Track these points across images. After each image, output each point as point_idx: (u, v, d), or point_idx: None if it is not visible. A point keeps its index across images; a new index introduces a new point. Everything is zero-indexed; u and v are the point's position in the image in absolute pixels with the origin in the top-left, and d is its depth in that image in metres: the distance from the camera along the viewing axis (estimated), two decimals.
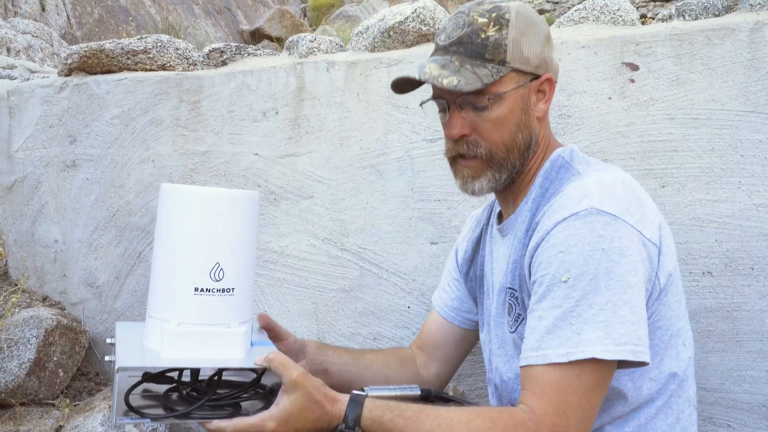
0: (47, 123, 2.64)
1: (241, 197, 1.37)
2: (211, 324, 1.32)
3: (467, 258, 1.70)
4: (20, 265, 2.71)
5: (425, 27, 2.23)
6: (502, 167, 1.40)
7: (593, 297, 1.20)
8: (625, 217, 1.25)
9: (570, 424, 1.19)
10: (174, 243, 1.34)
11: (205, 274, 1.31)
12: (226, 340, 1.33)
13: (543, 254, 1.28)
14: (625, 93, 1.92)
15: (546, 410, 1.19)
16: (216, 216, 1.33)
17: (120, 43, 2.56)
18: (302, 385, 1.25)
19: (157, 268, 1.37)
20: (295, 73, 2.32)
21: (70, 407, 2.23)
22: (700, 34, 1.85)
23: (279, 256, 2.32)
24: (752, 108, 1.79)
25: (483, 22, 1.36)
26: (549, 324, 1.22)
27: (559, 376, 1.20)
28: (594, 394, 1.21)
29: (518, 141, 1.39)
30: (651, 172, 1.88)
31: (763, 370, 1.78)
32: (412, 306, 2.16)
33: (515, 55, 1.36)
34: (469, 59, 1.36)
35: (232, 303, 1.34)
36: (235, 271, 1.34)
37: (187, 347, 1.30)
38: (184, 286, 1.31)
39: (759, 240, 1.78)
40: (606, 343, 1.18)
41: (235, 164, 2.38)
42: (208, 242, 1.32)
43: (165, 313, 1.32)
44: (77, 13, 7.72)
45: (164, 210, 1.36)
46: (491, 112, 1.37)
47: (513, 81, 1.37)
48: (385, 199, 2.19)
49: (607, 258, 1.21)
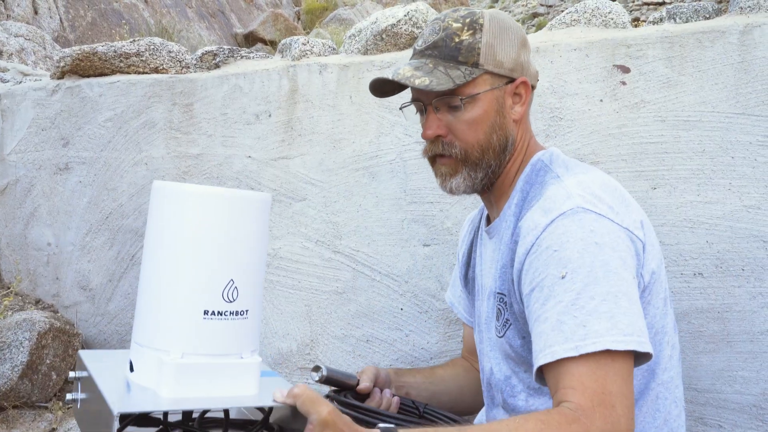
0: (40, 126, 2.63)
1: (257, 199, 1.16)
2: (222, 354, 1.10)
3: (465, 261, 1.71)
4: (13, 268, 2.70)
5: (417, 30, 2.24)
6: (478, 167, 1.42)
7: (593, 288, 1.20)
8: (610, 216, 1.26)
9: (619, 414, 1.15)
10: (178, 255, 1.10)
11: (218, 293, 1.09)
12: (239, 373, 1.11)
13: (537, 259, 1.28)
14: (616, 95, 1.93)
15: (592, 402, 1.15)
16: (231, 222, 1.10)
17: (113, 46, 2.56)
18: (333, 423, 1.11)
19: (153, 287, 1.13)
20: (288, 75, 2.32)
21: (62, 410, 2.23)
22: (690, 36, 1.87)
23: (272, 258, 2.32)
24: (742, 110, 1.81)
25: (457, 26, 1.41)
26: (553, 321, 1.21)
27: (584, 365, 1.17)
28: (630, 380, 1.19)
29: (493, 142, 1.42)
30: (642, 173, 1.89)
31: (754, 370, 1.79)
32: (404, 308, 2.16)
33: (488, 58, 1.39)
34: (443, 62, 1.39)
35: (245, 328, 1.13)
36: (251, 289, 1.13)
37: (192, 383, 1.07)
38: (190, 308, 1.09)
39: (749, 241, 1.79)
40: (614, 333, 1.17)
41: (228, 167, 2.38)
42: (222, 255, 1.10)
43: (164, 341, 1.09)
44: (70, 16, 7.70)
45: (161, 214, 1.13)
46: (465, 113, 1.40)
47: (486, 83, 1.40)
48: (377, 201, 2.20)
49: (601, 251, 1.22)
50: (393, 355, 2.17)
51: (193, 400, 1.08)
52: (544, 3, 14.40)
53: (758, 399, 1.79)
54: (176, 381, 1.06)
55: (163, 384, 1.06)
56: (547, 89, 1.99)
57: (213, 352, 1.09)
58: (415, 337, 2.15)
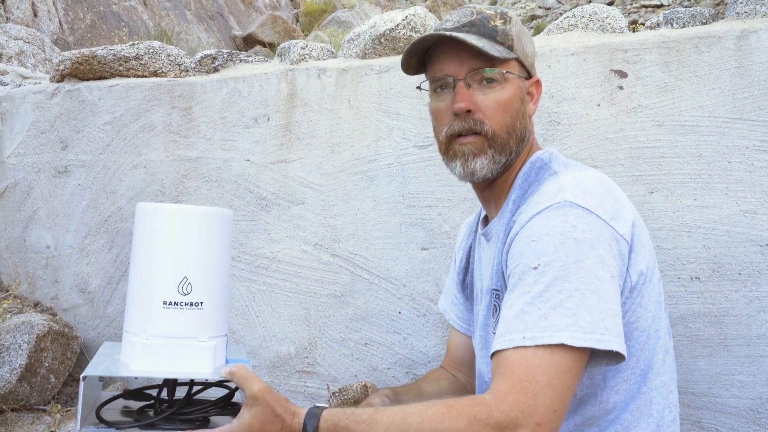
0: (39, 129, 2.64)
1: (211, 214, 1.40)
2: (180, 337, 1.33)
3: (462, 267, 1.70)
4: (12, 270, 2.70)
5: (416, 34, 2.24)
6: (503, 150, 1.41)
7: (562, 283, 1.20)
8: (598, 212, 1.26)
9: (538, 403, 1.14)
10: (145, 259, 1.36)
11: (173, 287, 1.33)
12: (195, 353, 1.34)
13: (515, 246, 1.29)
14: (613, 100, 1.93)
15: (511, 388, 1.15)
16: (185, 231, 1.36)
17: (112, 50, 2.57)
18: (263, 398, 1.24)
19: (131, 283, 1.39)
20: (286, 79, 2.33)
21: (61, 413, 2.23)
22: (687, 41, 1.87)
23: (270, 261, 2.32)
24: (739, 115, 1.81)
25: (490, 13, 1.44)
26: (517, 310, 1.22)
27: (530, 355, 1.17)
28: (566, 376, 1.17)
29: (517, 128, 1.42)
30: (639, 178, 1.90)
31: (751, 374, 1.80)
32: (403, 311, 2.17)
33: (519, 47, 1.42)
34: (483, 37, 1.40)
35: (200, 317, 1.35)
36: (204, 285, 1.36)
37: (155, 359, 1.31)
38: (152, 300, 1.33)
39: (746, 246, 1.80)
40: (574, 330, 1.16)
41: (226, 170, 2.39)
42: (175, 256, 1.34)
43: (136, 327, 1.35)
44: (69, 19, 7.71)
45: (138, 228, 1.39)
46: (497, 92, 1.39)
47: (516, 69, 1.43)
48: (375, 205, 2.20)
49: (578, 247, 1.22)
50: (391, 359, 2.17)
51: (152, 371, 1.32)
52: (542, 5, 14.41)
53: (755, 403, 1.79)
54: (141, 357, 1.32)
55: (133, 359, 1.32)
56: (544, 93, 1.99)
57: (172, 335, 1.33)
58: (413, 341, 2.16)
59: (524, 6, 15.20)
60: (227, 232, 1.42)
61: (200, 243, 1.37)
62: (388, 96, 2.19)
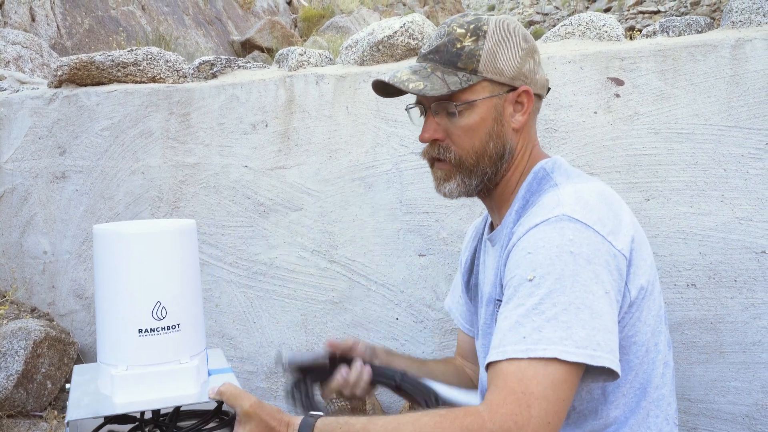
0: (37, 134, 2.64)
1: (174, 231, 1.34)
2: (161, 363, 1.30)
3: (467, 268, 1.71)
4: (8, 276, 2.70)
5: (414, 41, 2.25)
6: (472, 173, 1.43)
7: (557, 296, 1.20)
8: (596, 227, 1.25)
9: (532, 415, 1.13)
10: (112, 287, 1.31)
11: (147, 314, 1.28)
12: (179, 376, 1.31)
13: (512, 258, 1.30)
14: (610, 107, 1.94)
15: (504, 400, 1.14)
16: (151, 255, 1.30)
17: (110, 55, 2.58)
18: (255, 414, 1.24)
19: (100, 313, 1.33)
20: (284, 85, 2.33)
21: (58, 419, 2.22)
22: (683, 50, 1.88)
23: (268, 267, 2.33)
24: (734, 123, 1.82)
25: (461, 32, 1.42)
26: (512, 322, 1.22)
27: (524, 367, 1.16)
28: (561, 389, 1.16)
29: (489, 149, 1.42)
30: (636, 185, 1.91)
31: (746, 381, 1.80)
32: (400, 317, 2.17)
33: (488, 66, 1.40)
34: (442, 66, 1.41)
35: (179, 338, 1.32)
36: (179, 306, 1.32)
37: (138, 390, 1.28)
38: (127, 329, 1.28)
39: (742, 253, 1.81)
40: (567, 344, 1.16)
41: (224, 176, 2.39)
42: (146, 282, 1.30)
43: (113, 358, 1.30)
44: (67, 24, 7.71)
45: (98, 254, 1.33)
46: (461, 119, 1.41)
47: (485, 90, 1.41)
48: (373, 211, 2.21)
49: (574, 261, 1.22)
50: None
51: (138, 403, 1.27)
52: (539, 11, 14.46)
53: (750, 409, 1.80)
54: (123, 389, 1.27)
55: (115, 392, 1.28)
56: None
57: (152, 362, 1.29)
58: (411, 347, 2.16)
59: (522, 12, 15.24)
60: (193, 245, 1.38)
61: (168, 263, 1.32)
62: (386, 103, 2.20)
